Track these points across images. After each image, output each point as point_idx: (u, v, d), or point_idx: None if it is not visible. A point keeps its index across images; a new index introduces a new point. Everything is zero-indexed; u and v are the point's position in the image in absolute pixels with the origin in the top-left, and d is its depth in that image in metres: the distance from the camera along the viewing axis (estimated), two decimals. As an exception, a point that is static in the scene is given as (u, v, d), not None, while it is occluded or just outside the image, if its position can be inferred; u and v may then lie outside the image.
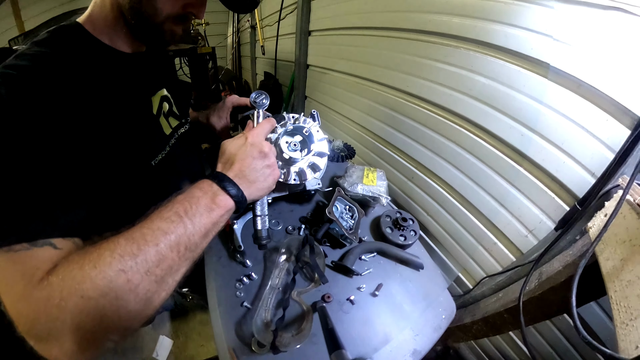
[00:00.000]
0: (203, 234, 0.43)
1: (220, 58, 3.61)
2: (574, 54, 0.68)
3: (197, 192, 0.46)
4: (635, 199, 0.53)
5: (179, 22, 0.58)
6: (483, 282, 0.93)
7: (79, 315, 0.33)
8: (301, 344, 0.59)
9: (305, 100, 2.07)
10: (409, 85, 1.11)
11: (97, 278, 0.33)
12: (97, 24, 0.57)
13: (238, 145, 0.55)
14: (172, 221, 0.40)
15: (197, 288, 1.17)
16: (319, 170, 0.82)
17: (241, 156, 0.53)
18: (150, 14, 0.54)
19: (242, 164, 0.53)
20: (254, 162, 0.54)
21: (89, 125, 0.48)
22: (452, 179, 1.00)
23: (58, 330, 0.33)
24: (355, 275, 0.76)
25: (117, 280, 0.34)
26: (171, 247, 0.39)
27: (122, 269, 0.35)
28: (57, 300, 0.32)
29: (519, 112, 0.79)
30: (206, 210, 0.44)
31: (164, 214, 0.41)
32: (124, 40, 0.60)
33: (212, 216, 0.45)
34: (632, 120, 0.61)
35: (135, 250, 0.36)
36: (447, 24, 0.93)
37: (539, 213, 0.79)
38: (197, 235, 0.42)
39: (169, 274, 0.39)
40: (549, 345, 0.84)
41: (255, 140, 0.56)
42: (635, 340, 0.38)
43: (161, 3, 0.53)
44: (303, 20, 1.79)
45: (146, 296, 0.37)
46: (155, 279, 0.38)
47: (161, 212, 0.41)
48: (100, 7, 0.57)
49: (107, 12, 0.56)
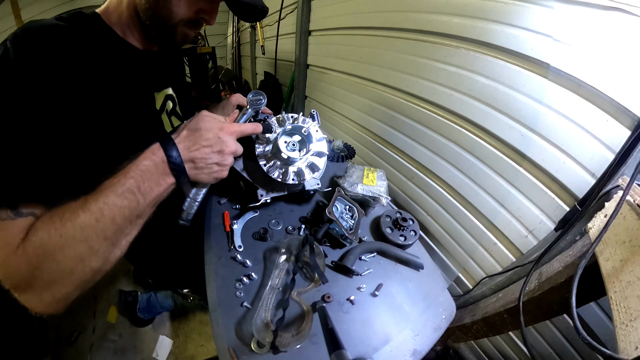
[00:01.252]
0: (153, 204, 0.49)
1: (220, 58, 3.61)
2: (574, 54, 0.68)
3: (148, 164, 0.48)
4: (635, 199, 0.53)
5: (191, 26, 0.62)
6: (483, 282, 0.93)
7: (52, 275, 0.40)
8: (301, 344, 0.59)
9: (305, 100, 2.07)
10: (409, 85, 1.11)
11: (65, 247, 0.40)
12: (112, 18, 0.61)
13: (210, 128, 0.54)
14: (126, 197, 0.45)
15: (197, 289, 1.17)
16: (317, 170, 0.82)
17: (204, 141, 0.53)
18: (164, 16, 0.57)
19: (199, 149, 0.52)
20: (210, 155, 0.54)
21: (87, 104, 0.50)
22: (452, 179, 1.00)
23: (35, 286, 0.40)
24: (355, 275, 0.76)
25: (81, 248, 0.41)
26: (125, 218, 0.45)
27: (84, 239, 0.41)
28: (32, 266, 0.40)
29: (519, 112, 0.79)
30: (156, 185, 0.48)
31: (118, 189, 0.44)
32: (136, 37, 0.64)
33: (161, 190, 0.49)
34: (632, 120, 0.61)
35: (94, 222, 0.42)
36: (447, 24, 0.93)
37: (539, 213, 0.79)
38: (148, 207, 0.48)
39: (123, 237, 0.47)
40: (549, 345, 0.84)
41: (226, 137, 0.55)
42: (635, 340, 0.38)
43: (176, 7, 0.56)
44: (303, 20, 1.79)
45: (104, 255, 0.45)
46: (112, 242, 0.45)
47: (115, 187, 0.44)
48: (116, 3, 0.60)
49: (122, 9, 0.60)
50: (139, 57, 0.66)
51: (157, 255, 0.93)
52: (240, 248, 0.77)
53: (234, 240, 0.78)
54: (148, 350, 1.48)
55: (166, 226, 0.65)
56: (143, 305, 1.56)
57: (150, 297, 1.57)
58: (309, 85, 1.98)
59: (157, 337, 1.53)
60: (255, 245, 0.79)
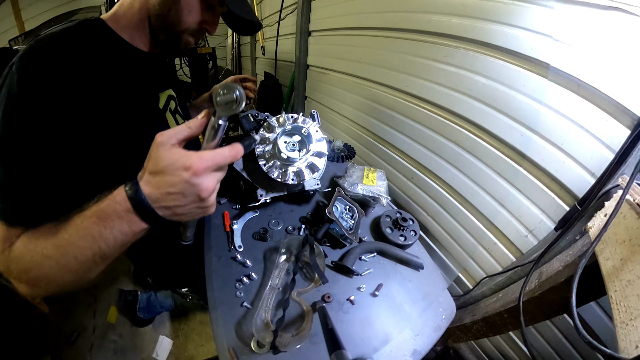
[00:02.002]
0: (120, 248, 0.45)
1: (221, 58, 3.61)
2: (573, 54, 0.68)
3: (112, 214, 0.41)
4: (635, 198, 0.53)
5: (195, 34, 0.68)
6: (483, 282, 0.93)
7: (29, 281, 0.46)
8: (301, 344, 0.59)
9: (305, 101, 2.07)
10: (409, 85, 1.11)
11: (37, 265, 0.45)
12: (121, 22, 0.64)
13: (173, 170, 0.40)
14: (87, 240, 0.42)
15: (196, 288, 1.17)
16: (317, 170, 0.82)
17: (170, 187, 0.40)
18: (173, 23, 0.63)
19: (168, 197, 0.41)
20: (185, 204, 0.42)
21: (94, 111, 0.53)
22: (452, 179, 1.00)
23: (23, 280, 0.45)
24: (355, 275, 0.76)
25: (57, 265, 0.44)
26: (87, 258, 0.44)
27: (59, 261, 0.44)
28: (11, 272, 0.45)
29: (518, 112, 0.79)
30: (120, 234, 0.42)
31: (80, 232, 0.43)
32: (142, 40, 0.68)
33: (129, 237, 0.43)
34: (632, 120, 0.61)
35: (59, 256, 0.44)
36: (446, 24, 0.93)
37: (539, 213, 0.79)
38: (113, 250, 0.44)
39: (90, 270, 0.46)
40: (549, 345, 0.83)
41: (197, 179, 0.40)
42: (635, 339, 0.38)
43: (185, 16, 0.63)
44: (303, 20, 1.79)
45: (78, 274, 0.46)
46: (82, 268, 0.45)
47: (79, 229, 0.43)
48: (127, 7, 0.64)
49: (134, 12, 0.64)
50: (145, 60, 0.69)
51: (157, 255, 0.93)
52: (240, 248, 0.77)
53: (234, 240, 0.78)
54: (148, 350, 1.48)
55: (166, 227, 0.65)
56: (143, 305, 1.56)
57: (150, 296, 1.57)
58: (309, 86, 1.98)
59: (157, 337, 1.53)
60: (255, 245, 0.79)
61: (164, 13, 0.62)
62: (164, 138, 0.41)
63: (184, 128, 0.43)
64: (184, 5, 0.62)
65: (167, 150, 0.40)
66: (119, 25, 0.64)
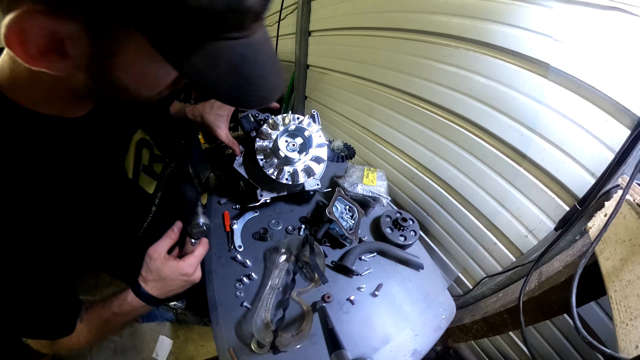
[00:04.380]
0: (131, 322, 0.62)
1: (220, 58, 3.60)
2: (573, 54, 0.68)
3: (133, 311, 0.58)
4: (635, 198, 0.53)
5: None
6: (483, 282, 0.93)
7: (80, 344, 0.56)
8: (301, 344, 0.59)
9: (305, 101, 2.07)
10: (409, 85, 1.11)
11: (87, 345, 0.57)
12: (26, 93, 0.40)
13: (173, 277, 0.58)
14: (117, 329, 0.59)
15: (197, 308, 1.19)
16: (313, 174, 0.82)
17: (171, 286, 0.59)
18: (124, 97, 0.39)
19: (169, 291, 0.60)
20: (181, 289, 0.61)
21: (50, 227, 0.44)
22: (452, 179, 1.00)
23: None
24: (355, 275, 0.76)
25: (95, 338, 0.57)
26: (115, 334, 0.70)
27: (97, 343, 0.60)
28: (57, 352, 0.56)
29: (518, 112, 0.79)
30: (138, 316, 0.60)
31: (113, 324, 0.58)
32: (71, 106, 0.45)
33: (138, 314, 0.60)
34: (632, 120, 0.61)
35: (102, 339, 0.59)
36: (446, 24, 0.93)
37: (539, 213, 0.79)
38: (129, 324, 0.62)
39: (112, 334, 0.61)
40: (549, 345, 0.83)
41: (191, 278, 0.60)
42: (635, 339, 0.38)
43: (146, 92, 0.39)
44: (303, 20, 1.79)
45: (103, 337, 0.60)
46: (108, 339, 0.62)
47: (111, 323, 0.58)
48: (27, 78, 0.38)
49: (45, 87, 0.39)
50: (83, 128, 0.47)
51: None
52: (240, 248, 0.77)
53: (234, 240, 0.78)
54: (148, 350, 1.48)
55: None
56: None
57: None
58: (309, 86, 1.98)
59: (157, 337, 1.53)
60: (255, 245, 0.79)
61: (103, 90, 0.38)
62: (157, 254, 0.57)
63: (167, 240, 0.59)
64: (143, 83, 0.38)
65: (164, 263, 0.57)
66: (24, 96, 0.39)
